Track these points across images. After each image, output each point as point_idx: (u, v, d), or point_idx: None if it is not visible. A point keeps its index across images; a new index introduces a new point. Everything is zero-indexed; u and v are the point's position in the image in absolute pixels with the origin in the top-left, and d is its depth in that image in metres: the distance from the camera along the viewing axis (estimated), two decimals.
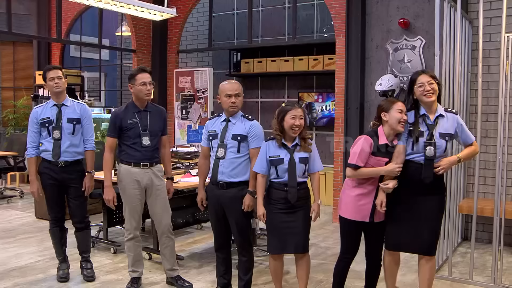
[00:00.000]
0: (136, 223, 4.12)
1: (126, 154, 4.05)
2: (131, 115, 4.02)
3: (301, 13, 9.01)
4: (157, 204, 4.13)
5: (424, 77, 3.48)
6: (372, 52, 6.63)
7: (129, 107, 4.08)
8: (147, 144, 4.01)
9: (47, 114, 4.29)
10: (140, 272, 4.21)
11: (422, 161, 3.43)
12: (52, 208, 4.39)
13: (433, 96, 3.45)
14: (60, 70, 4.33)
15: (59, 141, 4.25)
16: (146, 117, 4.06)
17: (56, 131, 4.25)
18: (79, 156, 4.36)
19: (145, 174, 4.04)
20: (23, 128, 9.72)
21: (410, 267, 4.92)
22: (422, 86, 3.46)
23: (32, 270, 4.68)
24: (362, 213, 3.53)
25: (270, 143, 3.62)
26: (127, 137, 4.01)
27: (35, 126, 4.29)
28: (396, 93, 6.19)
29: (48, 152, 4.27)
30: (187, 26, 9.75)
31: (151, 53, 9.34)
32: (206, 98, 8.52)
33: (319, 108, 8.49)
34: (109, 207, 4.20)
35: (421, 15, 6.26)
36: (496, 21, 5.52)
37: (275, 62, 8.81)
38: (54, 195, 4.33)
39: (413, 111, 3.55)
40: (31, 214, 7.00)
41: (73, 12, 10.04)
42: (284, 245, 3.62)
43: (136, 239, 4.13)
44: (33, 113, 4.34)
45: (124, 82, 11.35)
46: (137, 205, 4.08)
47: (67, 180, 4.30)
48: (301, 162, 3.57)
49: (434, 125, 3.47)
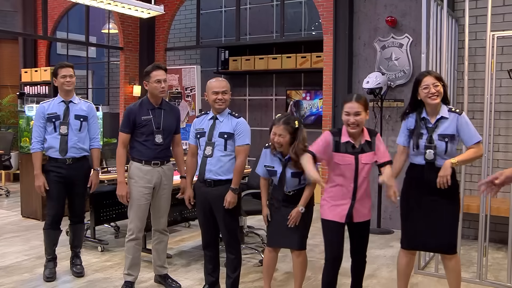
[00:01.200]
0: (141, 224, 4.02)
1: (137, 151, 4.01)
2: (145, 111, 3.97)
3: (289, 11, 9.03)
4: (161, 202, 4.11)
5: (429, 78, 3.42)
6: (360, 50, 6.65)
7: (144, 104, 4.03)
8: (159, 142, 3.97)
9: (54, 110, 4.31)
10: (135, 276, 4.11)
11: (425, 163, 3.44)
12: (53, 207, 4.35)
13: (438, 99, 3.40)
14: (72, 68, 4.35)
15: (66, 136, 4.28)
16: (160, 115, 4.01)
17: (63, 127, 4.27)
18: (85, 153, 4.40)
19: (155, 172, 4.00)
20: (8, 126, 9.64)
21: None
22: (427, 88, 3.40)
23: (17, 270, 4.64)
24: (339, 213, 3.46)
25: (266, 151, 3.70)
26: (140, 134, 3.97)
27: (41, 121, 4.30)
28: (383, 90, 6.22)
29: (55, 149, 4.27)
30: (174, 24, 9.73)
31: (138, 51, 9.30)
32: (194, 95, 8.51)
33: (307, 106, 8.51)
34: (96, 205, 4.18)
35: (408, 13, 6.30)
36: (482, 19, 5.57)
37: (263, 60, 8.82)
38: (58, 192, 4.32)
39: (414, 113, 3.53)
40: (17, 213, 6.94)
41: (59, 9, 9.97)
42: (281, 239, 3.69)
43: (137, 241, 4.03)
44: (40, 107, 4.35)
45: (111, 79, 11.29)
46: (144, 205, 4.01)
47: (73, 177, 4.33)
48: (293, 176, 3.60)
49: (433, 128, 3.43)
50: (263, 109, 9.29)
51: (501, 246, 5.40)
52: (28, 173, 6.70)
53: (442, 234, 3.46)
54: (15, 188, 8.44)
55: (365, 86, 6.17)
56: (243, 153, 3.73)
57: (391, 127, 6.41)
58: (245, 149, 3.74)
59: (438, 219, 3.44)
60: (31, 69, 9.26)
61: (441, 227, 3.45)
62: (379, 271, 4.74)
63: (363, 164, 3.40)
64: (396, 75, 6.38)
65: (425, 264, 4.85)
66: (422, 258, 4.80)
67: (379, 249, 5.48)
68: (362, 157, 3.40)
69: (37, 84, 8.90)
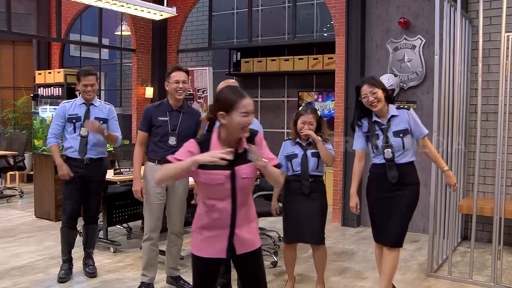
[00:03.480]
0: (154, 224, 4.02)
1: (152, 151, 4.05)
2: (163, 113, 4.00)
3: (301, 13, 9.03)
4: (175, 204, 4.11)
5: (366, 88, 3.59)
6: (372, 51, 6.63)
7: (163, 104, 4.06)
8: (173, 144, 3.97)
9: (75, 111, 4.38)
10: (150, 277, 4.10)
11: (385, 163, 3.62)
12: (70, 205, 4.40)
13: (379, 104, 3.58)
14: (95, 75, 4.41)
15: (85, 138, 4.34)
16: (177, 117, 4.02)
17: (84, 129, 4.33)
18: (102, 154, 4.47)
19: None
20: (22, 127, 9.73)
21: (409, 266, 4.94)
22: (365, 97, 3.60)
23: (31, 270, 4.67)
24: (215, 247, 2.54)
25: (287, 143, 3.98)
26: (156, 134, 4.00)
27: (60, 120, 4.38)
28: (396, 92, 6.19)
29: (74, 149, 4.34)
30: (187, 26, 9.75)
31: (151, 53, 9.34)
32: (206, 97, 8.53)
33: (318, 108, 8.48)
34: (108, 206, 4.19)
35: (421, 14, 6.26)
36: (496, 20, 5.52)
37: (275, 62, 8.82)
38: (74, 191, 4.37)
39: (366, 118, 3.72)
40: (31, 214, 6.99)
41: (73, 12, 10.03)
42: (299, 234, 3.84)
43: (152, 242, 4.04)
44: (62, 107, 4.41)
45: (124, 81, 11.36)
46: (156, 204, 4.02)
47: (90, 177, 4.39)
48: (313, 156, 3.85)
49: (387, 128, 3.61)
50: (275, 111, 9.29)
51: None
52: (42, 174, 6.77)
53: (392, 228, 3.63)
54: (29, 189, 8.52)
55: None
56: None
57: None
58: None
59: (392, 212, 3.63)
60: (45, 71, 9.35)
61: (393, 221, 3.63)
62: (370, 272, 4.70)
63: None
64: (409, 77, 6.34)
65: (438, 267, 4.81)
66: (435, 261, 4.77)
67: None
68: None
69: (50, 85, 8.97)
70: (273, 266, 4.84)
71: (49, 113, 6.76)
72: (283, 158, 3.90)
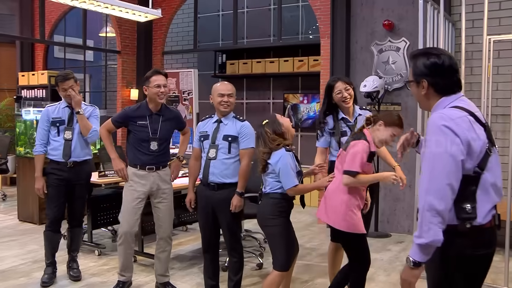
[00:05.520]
0: (130, 227, 4.01)
1: (133, 156, 4.03)
2: (142, 117, 3.99)
3: (286, 15, 9.06)
4: (162, 208, 4.10)
5: (340, 84, 3.76)
6: (357, 53, 6.68)
7: (142, 108, 4.04)
8: (154, 149, 3.98)
9: (59, 114, 4.36)
10: (127, 277, 4.14)
11: None
12: (53, 209, 4.37)
13: (351, 101, 3.78)
14: (73, 78, 4.37)
15: (70, 141, 4.32)
16: (157, 121, 4.01)
17: (68, 132, 4.32)
18: (87, 156, 4.45)
19: (150, 177, 4.01)
20: (5, 130, 9.62)
21: (394, 267, 4.99)
22: (340, 93, 3.74)
23: (14, 274, 4.63)
24: (361, 224, 3.30)
25: (292, 155, 3.40)
26: (135, 140, 3.99)
27: (45, 124, 4.35)
28: (380, 94, 6.24)
29: (57, 153, 4.32)
30: (172, 27, 9.75)
31: (136, 55, 9.33)
32: (191, 99, 8.51)
33: (304, 110, 8.53)
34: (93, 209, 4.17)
35: (405, 17, 6.32)
36: (478, 23, 5.60)
37: (260, 64, 8.85)
38: (58, 195, 4.34)
39: (331, 115, 3.83)
40: (14, 217, 6.92)
41: (56, 13, 9.98)
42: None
43: (127, 244, 4.04)
44: (45, 111, 4.39)
45: (109, 83, 11.30)
46: (135, 209, 4.00)
47: (74, 180, 4.37)
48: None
49: (354, 125, 3.77)
50: (260, 112, 9.31)
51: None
52: (25, 177, 6.70)
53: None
54: (12, 192, 8.42)
55: (363, 90, 6.19)
56: (248, 156, 3.73)
57: None
58: (249, 152, 3.73)
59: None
60: (28, 73, 9.24)
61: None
62: (376, 274, 4.74)
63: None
64: (393, 79, 6.41)
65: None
66: None
67: (376, 252, 5.47)
68: None
69: (34, 87, 8.87)
70: (258, 268, 4.85)
71: (33, 115, 6.69)
72: (294, 173, 3.36)
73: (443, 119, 2.05)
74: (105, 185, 5.22)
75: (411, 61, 2.27)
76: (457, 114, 2.08)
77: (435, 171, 2.02)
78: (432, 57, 2.17)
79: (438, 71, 2.16)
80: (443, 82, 2.17)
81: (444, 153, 2.01)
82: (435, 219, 1.99)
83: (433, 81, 2.17)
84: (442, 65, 2.15)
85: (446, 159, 2.01)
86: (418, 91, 2.23)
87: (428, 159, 2.07)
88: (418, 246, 2.03)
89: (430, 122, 2.11)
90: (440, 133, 2.03)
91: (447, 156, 2.01)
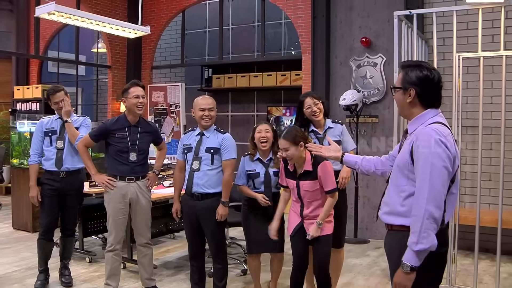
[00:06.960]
0: (118, 236, 4.09)
1: (112, 167, 4.10)
2: (121, 129, 4.06)
3: (270, 31, 9.31)
4: (139, 217, 4.20)
5: (309, 99, 3.97)
6: (336, 68, 6.91)
7: (120, 121, 4.11)
8: (133, 159, 4.07)
9: (52, 125, 4.53)
10: (113, 286, 4.16)
11: None
12: (46, 218, 4.48)
13: (320, 115, 3.98)
14: (62, 91, 4.54)
15: (61, 150, 4.47)
16: (136, 133, 4.09)
17: (60, 141, 4.48)
18: (79, 165, 4.55)
19: (130, 187, 4.10)
20: (1, 141, 9.72)
21: (372, 272, 5.18)
22: (309, 108, 3.96)
23: (8, 280, 4.72)
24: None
25: (246, 159, 4.09)
26: (114, 151, 4.06)
27: (40, 135, 4.52)
28: (359, 107, 6.50)
29: (51, 162, 4.47)
30: (160, 43, 9.93)
31: (126, 69, 9.46)
32: (179, 112, 8.68)
33: (286, 122, 8.78)
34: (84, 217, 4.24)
35: (381, 34, 6.60)
36: (449, 41, 5.82)
37: (245, 78, 9.07)
38: (51, 204, 4.47)
39: (303, 129, 3.96)
40: (9, 225, 6.99)
41: (51, 30, 10.15)
42: (261, 246, 4.05)
43: (115, 252, 4.10)
44: (40, 123, 4.58)
45: (100, 96, 11.47)
46: (120, 219, 4.09)
47: (66, 190, 4.50)
48: (275, 175, 4.00)
49: (323, 137, 3.95)
50: (245, 124, 9.52)
51: (469, 253, 5.66)
52: (19, 186, 6.81)
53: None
54: (6, 201, 8.46)
55: (342, 103, 6.43)
56: (230, 167, 3.87)
57: (367, 141, 6.67)
58: (231, 163, 3.89)
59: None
60: (23, 87, 9.40)
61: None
62: (355, 279, 4.92)
63: (304, 190, 3.60)
64: (371, 92, 6.67)
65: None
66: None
67: (355, 258, 5.68)
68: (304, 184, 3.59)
69: (29, 101, 9.01)
70: (243, 274, 4.97)
71: (27, 127, 6.85)
72: (244, 175, 4.04)
73: (439, 134, 2.21)
74: (95, 195, 5.34)
75: (402, 69, 2.40)
76: (446, 131, 2.26)
77: (434, 181, 2.17)
78: (425, 70, 2.33)
79: (428, 84, 2.33)
80: (430, 95, 2.34)
81: (442, 165, 2.19)
82: (432, 226, 2.16)
83: (422, 92, 2.32)
84: (432, 80, 2.32)
85: (443, 171, 2.19)
86: (404, 98, 2.37)
87: (426, 169, 2.20)
88: (416, 252, 2.16)
89: (424, 134, 2.25)
90: (438, 146, 2.20)
91: (443, 169, 2.19)
